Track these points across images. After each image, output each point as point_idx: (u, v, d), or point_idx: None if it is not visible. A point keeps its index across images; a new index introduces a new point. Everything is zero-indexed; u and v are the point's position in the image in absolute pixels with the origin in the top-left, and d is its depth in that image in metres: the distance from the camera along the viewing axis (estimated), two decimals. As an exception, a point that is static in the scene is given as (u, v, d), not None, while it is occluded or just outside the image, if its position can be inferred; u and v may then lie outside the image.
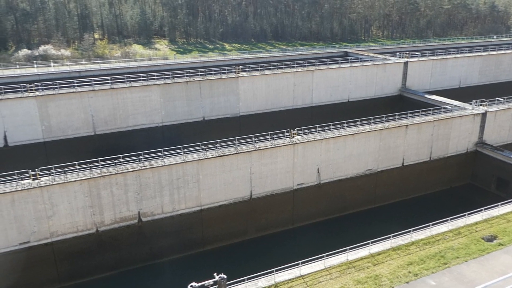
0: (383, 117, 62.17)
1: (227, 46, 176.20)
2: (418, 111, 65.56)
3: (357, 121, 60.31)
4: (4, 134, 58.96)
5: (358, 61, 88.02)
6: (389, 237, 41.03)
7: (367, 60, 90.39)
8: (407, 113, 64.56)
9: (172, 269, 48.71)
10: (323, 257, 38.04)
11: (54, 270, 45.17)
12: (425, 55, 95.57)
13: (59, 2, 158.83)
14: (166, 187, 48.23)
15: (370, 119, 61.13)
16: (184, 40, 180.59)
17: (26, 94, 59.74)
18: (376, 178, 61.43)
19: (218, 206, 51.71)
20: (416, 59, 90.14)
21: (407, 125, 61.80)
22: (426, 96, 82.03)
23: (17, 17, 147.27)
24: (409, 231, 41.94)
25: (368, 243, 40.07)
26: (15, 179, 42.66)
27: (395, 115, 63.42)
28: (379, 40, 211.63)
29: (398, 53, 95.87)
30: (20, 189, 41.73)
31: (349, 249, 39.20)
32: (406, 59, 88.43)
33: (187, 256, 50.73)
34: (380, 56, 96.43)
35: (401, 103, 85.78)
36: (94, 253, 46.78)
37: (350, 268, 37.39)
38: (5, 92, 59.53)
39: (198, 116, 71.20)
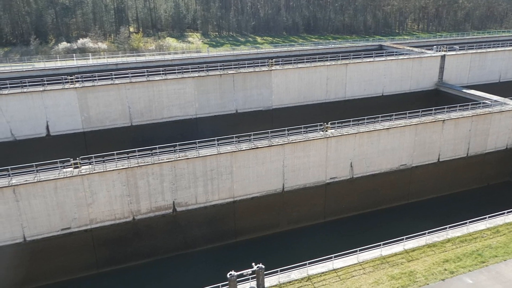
0: (418, 111, 60.94)
1: (258, 39, 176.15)
2: (456, 106, 63.92)
3: (392, 115, 59.37)
4: (47, 124, 61.33)
5: (393, 55, 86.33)
6: (424, 234, 40.51)
7: (403, 54, 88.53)
8: (444, 108, 63.06)
9: (205, 258, 49.63)
10: (356, 251, 38.00)
11: (92, 256, 46.91)
12: (463, 49, 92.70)
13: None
14: (200, 178, 49.08)
15: (405, 114, 60.06)
16: (217, 33, 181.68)
17: (67, 85, 61.81)
18: (410, 173, 60.42)
19: (251, 198, 52.21)
20: (453, 52, 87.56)
21: (444, 120, 60.35)
22: (464, 90, 79.68)
23: (57, 11, 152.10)
24: (445, 228, 41.25)
25: (402, 239, 39.70)
26: (57, 167, 44.43)
27: (431, 110, 62.04)
28: (414, 33, 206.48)
29: (435, 46, 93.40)
30: (62, 176, 43.45)
31: (383, 244, 38.96)
32: (443, 53, 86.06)
33: (219, 247, 51.56)
34: (416, 49, 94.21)
35: (437, 98, 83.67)
36: (130, 240, 48.25)
37: (383, 263, 37.16)
38: (48, 84, 61.82)
39: (231, 108, 71.78)
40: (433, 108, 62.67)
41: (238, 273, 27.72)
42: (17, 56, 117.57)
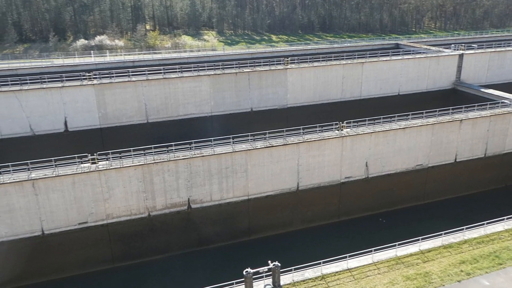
0: (435, 111, 60.26)
1: (274, 37, 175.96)
2: (473, 106, 63.05)
3: (408, 114, 58.84)
4: (65, 120, 62.34)
5: (410, 53, 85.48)
6: (440, 234, 40.13)
7: (420, 53, 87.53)
8: (461, 107, 62.27)
9: (219, 256, 49.92)
10: (371, 251, 37.82)
11: (108, 250, 47.57)
12: (482, 47, 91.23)
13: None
14: (215, 176, 49.35)
15: (421, 113, 59.46)
16: (232, 31, 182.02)
17: (85, 82, 62.72)
18: (426, 174, 59.81)
19: (265, 197, 52.30)
20: (472, 51, 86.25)
21: (461, 120, 59.60)
22: (482, 90, 78.45)
23: (75, 8, 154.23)
24: (462, 229, 40.77)
25: (418, 240, 39.38)
26: (75, 162, 45.18)
27: (448, 109, 61.30)
28: (431, 31, 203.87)
29: (453, 45, 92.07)
30: (80, 172, 44.13)
31: (398, 244, 38.68)
32: (461, 52, 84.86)
33: (233, 244, 51.75)
34: (433, 48, 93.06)
35: (455, 97, 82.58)
36: (145, 236, 48.78)
37: (398, 264, 36.93)
38: (66, 80, 62.78)
39: (246, 107, 71.93)
40: (450, 107, 61.92)
41: (254, 270, 27.82)
42: (36, 53, 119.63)
